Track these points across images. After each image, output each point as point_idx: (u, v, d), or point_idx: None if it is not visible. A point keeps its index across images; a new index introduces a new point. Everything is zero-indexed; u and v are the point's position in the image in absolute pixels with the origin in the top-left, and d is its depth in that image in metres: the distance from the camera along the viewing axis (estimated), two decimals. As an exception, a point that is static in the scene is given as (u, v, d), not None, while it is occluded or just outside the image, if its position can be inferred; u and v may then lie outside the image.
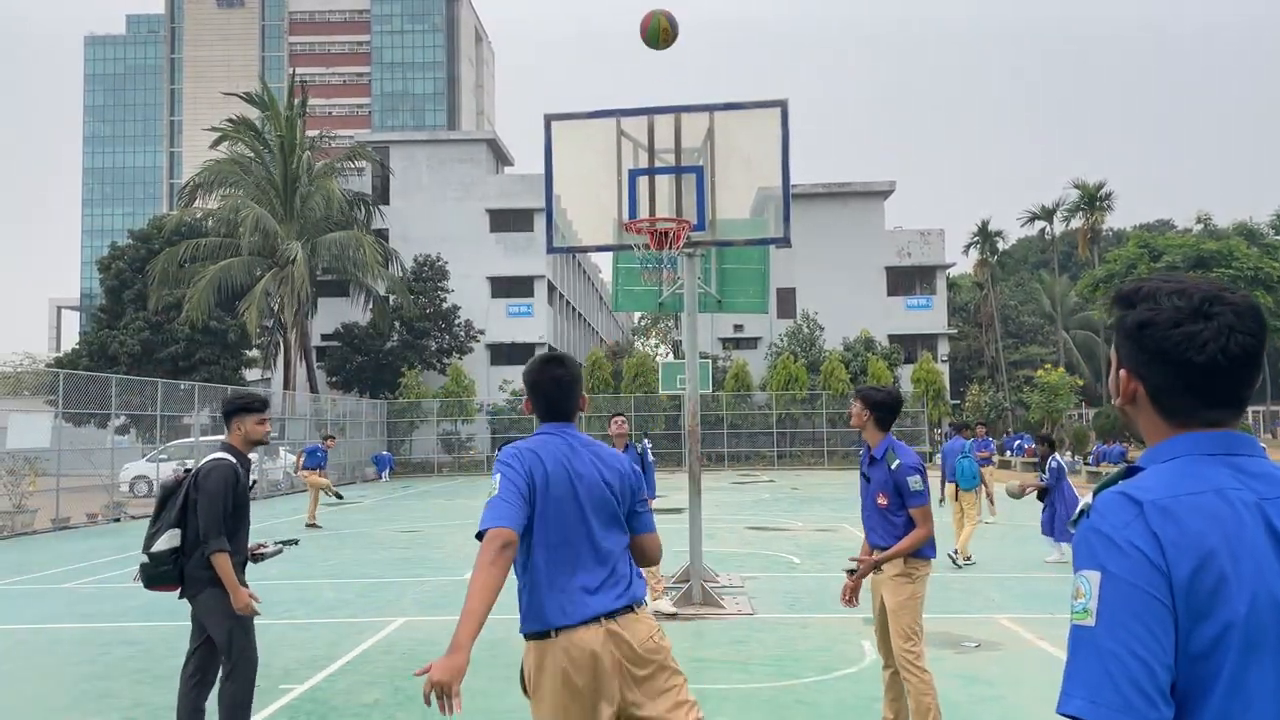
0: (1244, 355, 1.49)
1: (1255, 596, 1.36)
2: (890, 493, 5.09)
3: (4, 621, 9.71)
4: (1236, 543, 1.38)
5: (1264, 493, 1.44)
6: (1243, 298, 1.54)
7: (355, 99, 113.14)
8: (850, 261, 49.16)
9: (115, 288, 38.98)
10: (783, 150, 8.38)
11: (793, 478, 33.92)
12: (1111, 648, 1.35)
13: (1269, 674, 1.35)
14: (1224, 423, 1.53)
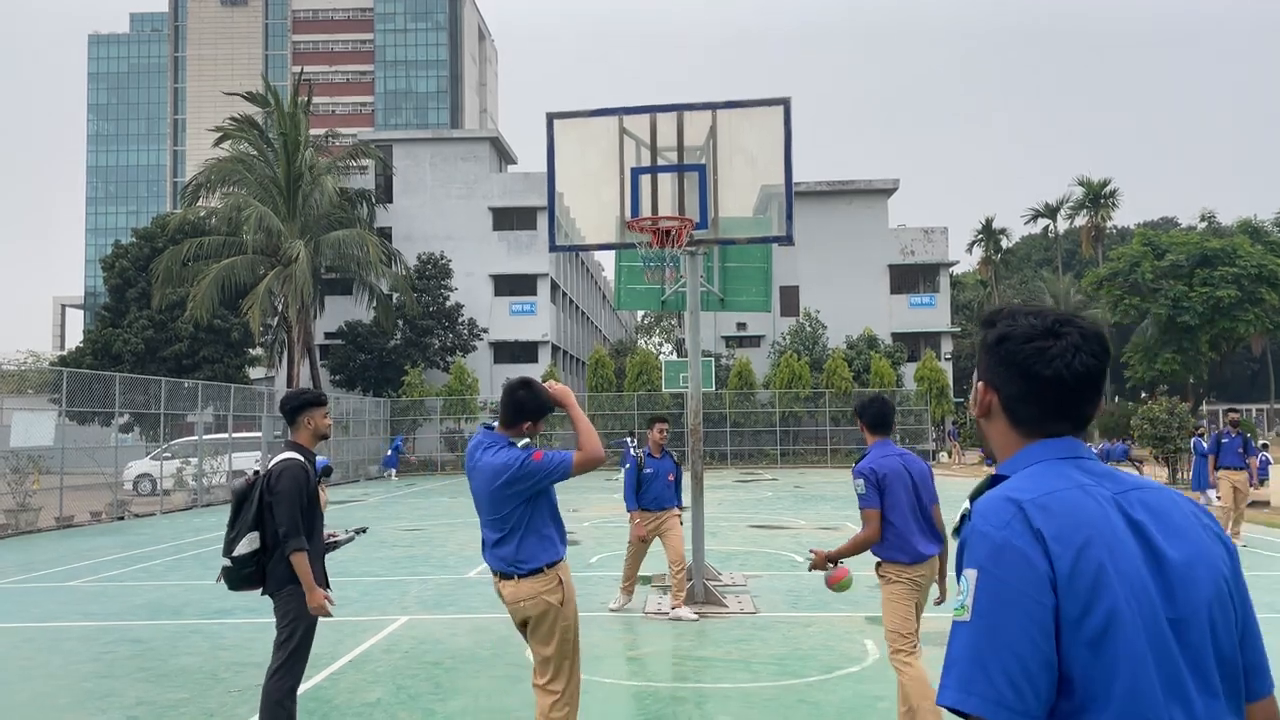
0: (1086, 374, 1.65)
1: (1129, 586, 1.47)
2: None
3: (8, 620, 9.73)
4: (1108, 533, 1.50)
5: (1114, 488, 1.59)
6: (1091, 324, 1.70)
7: (358, 97, 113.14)
8: (854, 259, 49.13)
9: (119, 286, 39.05)
10: (785, 148, 8.36)
11: (796, 476, 33.90)
12: (986, 643, 1.45)
13: (1141, 655, 1.44)
14: (1064, 432, 1.67)
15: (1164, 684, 1.46)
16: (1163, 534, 1.55)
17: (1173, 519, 1.57)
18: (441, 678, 7.10)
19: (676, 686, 6.86)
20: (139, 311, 37.72)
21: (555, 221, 8.75)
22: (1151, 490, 1.62)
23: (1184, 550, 1.54)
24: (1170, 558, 1.52)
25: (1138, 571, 1.49)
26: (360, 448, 37.08)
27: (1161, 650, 1.46)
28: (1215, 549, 1.58)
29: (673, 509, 9.27)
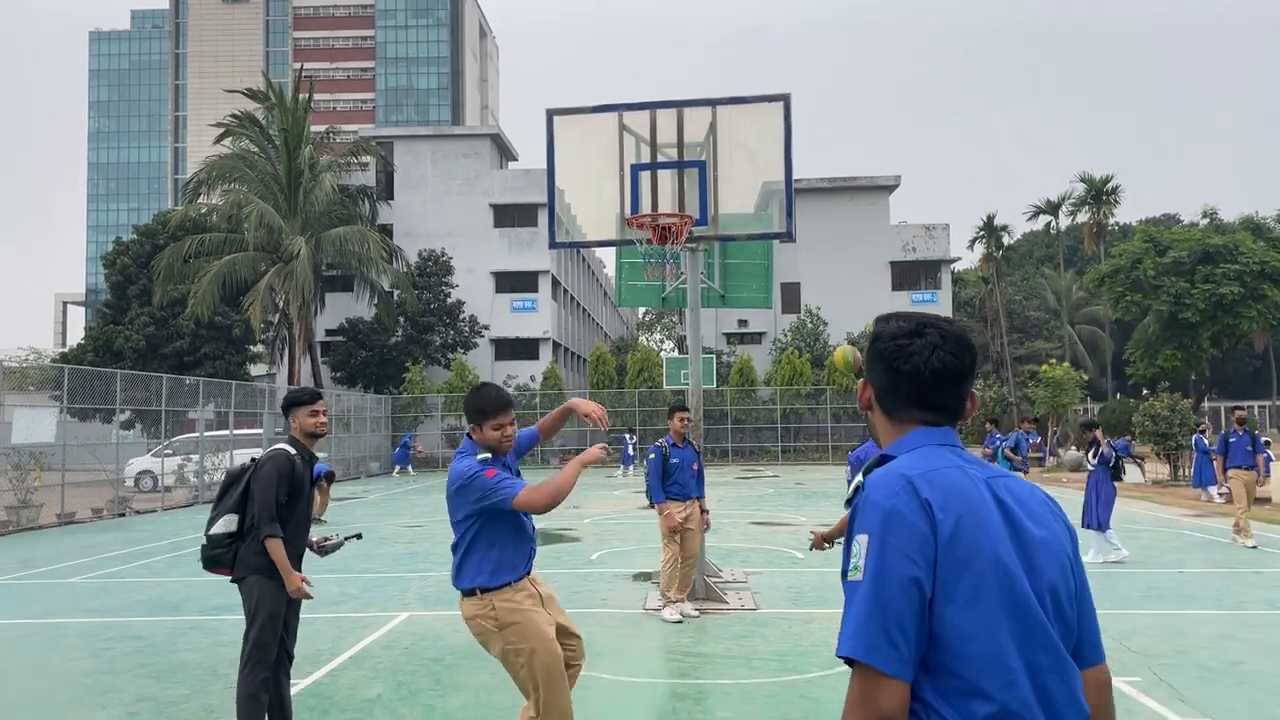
0: (943, 369, 1.84)
1: (996, 553, 1.67)
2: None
3: (9, 616, 9.73)
4: (982, 509, 1.70)
5: (984, 473, 1.79)
6: (953, 326, 1.89)
7: (359, 94, 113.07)
8: (855, 256, 49.10)
9: (120, 283, 39.06)
10: (785, 144, 8.35)
11: (797, 473, 33.90)
12: (876, 600, 1.62)
13: (1000, 622, 1.64)
14: (939, 423, 1.87)
15: (1019, 647, 1.64)
16: (1024, 515, 1.74)
17: (1030, 504, 1.78)
18: (442, 674, 7.10)
19: (677, 683, 6.86)
20: (140, 308, 37.72)
21: (555, 218, 8.74)
22: (1014, 479, 1.81)
23: (1039, 530, 1.74)
24: (1031, 535, 1.72)
25: (1005, 545, 1.68)
26: (361, 445, 37.08)
27: (1020, 616, 1.65)
28: (1062, 532, 1.80)
29: (696, 498, 9.13)
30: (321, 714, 6.13)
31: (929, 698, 1.64)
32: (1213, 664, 7.11)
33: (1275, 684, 6.57)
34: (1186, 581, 10.78)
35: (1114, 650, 7.49)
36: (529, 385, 42.57)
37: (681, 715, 6.08)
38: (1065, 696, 1.67)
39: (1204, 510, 18.79)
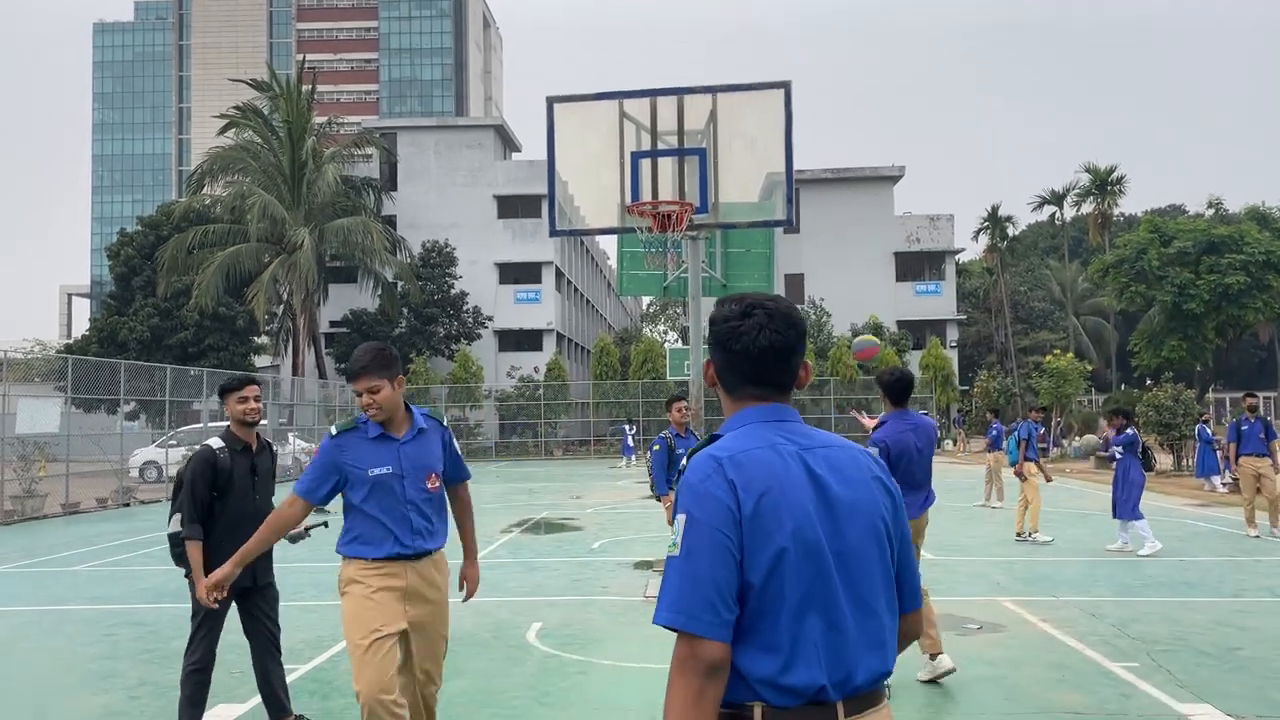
0: (769, 346, 2.01)
1: (796, 524, 1.86)
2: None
3: (14, 603, 9.79)
4: (787, 483, 1.89)
5: (802, 444, 1.97)
6: (780, 305, 2.05)
7: (363, 85, 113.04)
8: (859, 247, 49.03)
9: (124, 274, 39.15)
10: (786, 132, 8.34)
11: (800, 463, 33.89)
12: (690, 573, 1.82)
13: (805, 568, 1.86)
14: (770, 399, 2.04)
15: (813, 608, 1.86)
16: (837, 482, 1.93)
17: (847, 471, 1.96)
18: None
19: (676, 668, 6.89)
20: (144, 299, 37.79)
21: (555, 206, 8.75)
22: (836, 448, 2.00)
23: (851, 495, 1.93)
24: (839, 501, 1.92)
25: (807, 512, 1.88)
26: (365, 435, 37.07)
27: (816, 580, 1.87)
28: (879, 496, 1.98)
29: None
30: (322, 698, 6.17)
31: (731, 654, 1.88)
32: (1210, 650, 7.12)
33: (1272, 669, 6.58)
34: (1187, 569, 10.78)
35: (1113, 637, 7.51)
36: (533, 376, 42.60)
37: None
38: (859, 651, 1.89)
39: (1207, 500, 18.78)
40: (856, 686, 1.90)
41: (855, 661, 1.89)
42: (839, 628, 1.88)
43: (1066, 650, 7.17)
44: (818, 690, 1.86)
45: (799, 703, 1.85)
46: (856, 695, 1.90)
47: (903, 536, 2.02)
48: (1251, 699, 5.90)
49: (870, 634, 1.92)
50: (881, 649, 1.93)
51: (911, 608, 2.05)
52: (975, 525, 15.34)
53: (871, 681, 1.92)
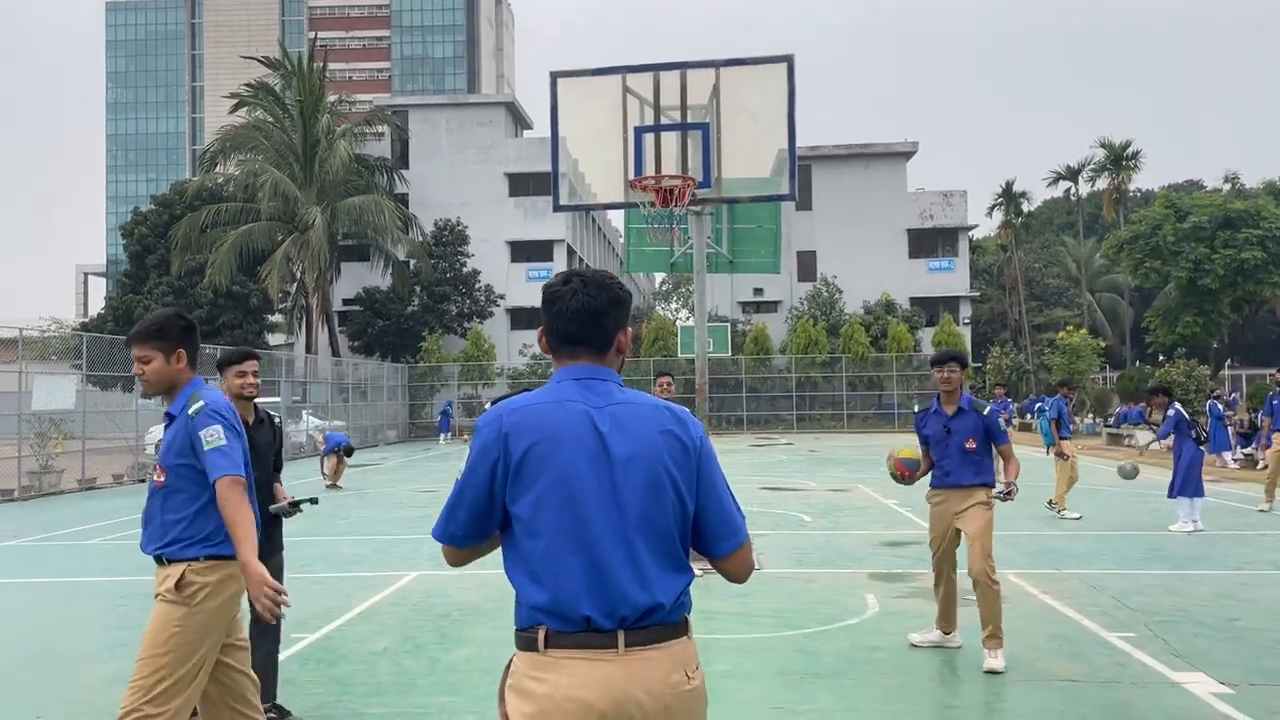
0: (581, 308, 2.27)
1: (561, 471, 2.16)
2: (980, 436, 6.19)
3: (29, 575, 9.97)
4: (562, 434, 2.18)
5: (594, 403, 2.22)
6: (596, 274, 2.35)
7: (375, 63, 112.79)
8: (872, 224, 48.81)
9: (139, 253, 39.38)
10: (789, 106, 8.34)
11: (811, 441, 33.98)
12: (456, 498, 2.24)
13: (566, 507, 2.15)
14: (582, 358, 2.31)
15: (576, 548, 2.14)
16: (618, 437, 2.19)
17: (631, 426, 2.21)
18: (448, 629, 7.24)
19: (676, 638, 6.98)
20: (159, 278, 38.04)
21: (559, 181, 8.79)
22: (629, 405, 2.25)
23: (630, 448, 2.19)
24: (618, 453, 2.18)
25: (575, 462, 2.16)
26: (379, 413, 37.39)
27: (582, 523, 2.14)
28: (663, 448, 2.21)
29: None
30: (329, 665, 6.28)
31: (514, 580, 2.21)
32: (1209, 620, 7.17)
33: (1269, 639, 6.62)
34: (1192, 544, 10.81)
35: (1112, 608, 7.57)
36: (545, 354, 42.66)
37: (679, 668, 6.19)
38: (625, 585, 2.14)
39: (1218, 476, 18.75)
40: (624, 617, 2.13)
41: (620, 595, 2.13)
42: (601, 564, 2.13)
43: (1065, 621, 7.23)
44: (585, 619, 2.12)
45: (574, 629, 2.13)
46: (637, 627, 2.14)
47: (708, 483, 2.26)
48: (1245, 668, 5.94)
49: (639, 570, 2.15)
50: (649, 585, 2.15)
51: (723, 552, 2.29)
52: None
53: (641, 614, 2.14)
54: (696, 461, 2.25)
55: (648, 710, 2.12)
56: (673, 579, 2.21)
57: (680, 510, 2.22)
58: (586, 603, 2.12)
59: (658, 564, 2.18)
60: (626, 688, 2.10)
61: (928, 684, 5.79)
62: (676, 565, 2.22)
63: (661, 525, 2.19)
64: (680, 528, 2.23)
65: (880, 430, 40.71)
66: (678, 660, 2.19)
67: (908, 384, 42.49)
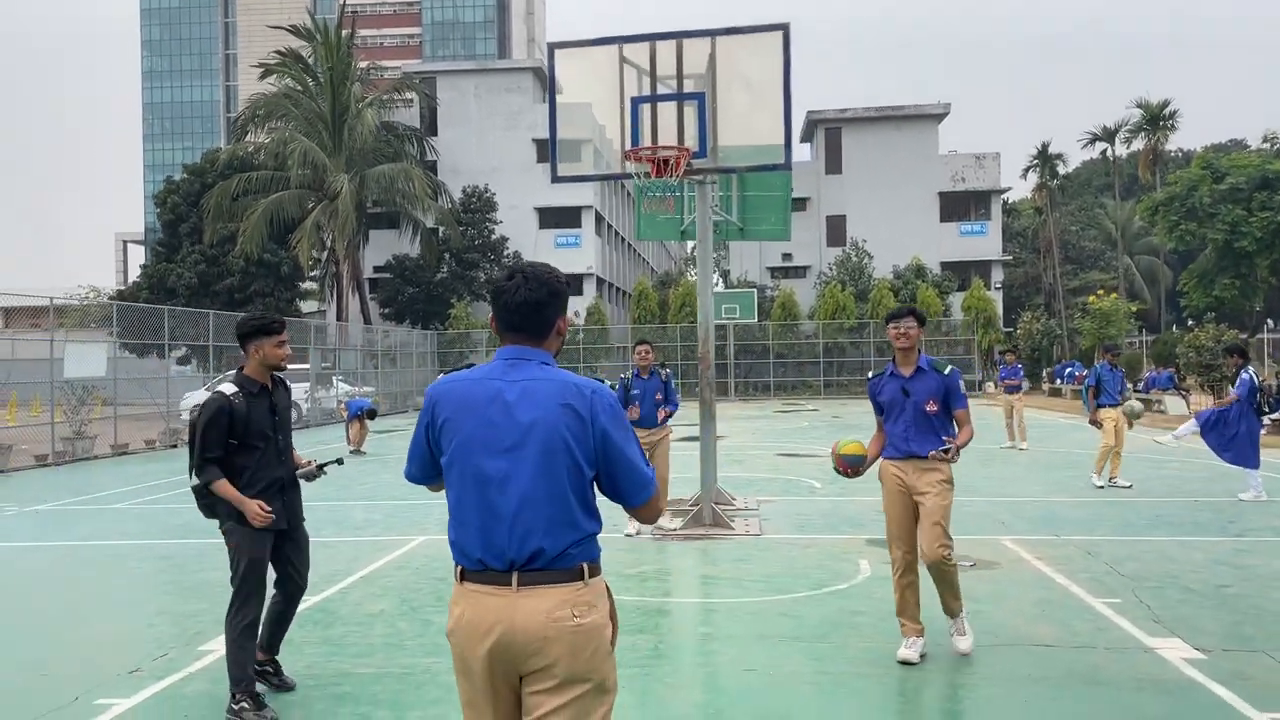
0: (523, 302, 2.65)
1: (466, 436, 2.60)
2: (940, 398, 5.64)
3: (52, 539, 10.31)
4: (469, 406, 2.62)
5: (512, 378, 2.62)
6: (537, 270, 2.71)
7: (406, 29, 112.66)
8: (902, 187, 48.36)
9: (172, 222, 39.89)
10: (784, 74, 8.33)
11: (837, 406, 33.94)
12: (413, 447, 2.77)
13: (472, 467, 2.59)
14: (521, 342, 2.68)
15: (473, 502, 2.57)
16: (523, 407, 2.57)
17: (536, 398, 2.58)
18: (445, 592, 7.43)
19: (664, 601, 7.14)
20: (191, 246, 38.55)
21: (557, 151, 8.85)
22: (539, 381, 2.61)
23: (532, 415, 2.56)
24: (520, 420, 2.56)
25: (480, 428, 2.59)
26: (408, 379, 37.81)
27: (477, 484, 2.57)
28: (561, 418, 2.56)
29: (659, 428, 9.62)
30: (325, 627, 6.49)
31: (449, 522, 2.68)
32: (1197, 588, 7.20)
33: (1253, 606, 6.66)
34: (1199, 510, 10.78)
35: (1104, 574, 7.62)
36: (573, 321, 42.90)
37: (664, 630, 6.35)
38: (517, 532, 2.53)
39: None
40: (513, 560, 2.52)
41: (507, 542, 2.53)
42: (493, 516, 2.55)
43: (1053, 587, 7.30)
44: (478, 560, 2.55)
45: (477, 568, 2.56)
46: (528, 569, 2.52)
47: (614, 452, 2.60)
48: (1223, 634, 5.99)
49: (528, 523, 2.53)
50: (535, 534, 2.53)
51: (635, 504, 2.68)
52: (994, 467, 15.35)
53: (528, 559, 2.52)
54: (598, 432, 2.59)
55: (528, 637, 2.50)
56: (562, 531, 2.56)
57: (575, 473, 2.58)
58: (479, 547, 2.56)
59: (547, 517, 2.54)
60: (512, 617, 2.50)
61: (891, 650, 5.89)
62: (566, 520, 2.56)
63: (554, 485, 2.55)
64: (574, 488, 2.58)
65: (908, 396, 40.55)
66: (565, 599, 2.54)
67: (936, 349, 42.22)
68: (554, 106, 8.82)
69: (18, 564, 8.98)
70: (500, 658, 2.53)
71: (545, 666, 2.52)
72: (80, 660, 5.91)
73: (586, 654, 2.54)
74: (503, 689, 2.58)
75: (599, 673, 2.57)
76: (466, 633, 2.55)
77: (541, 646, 2.50)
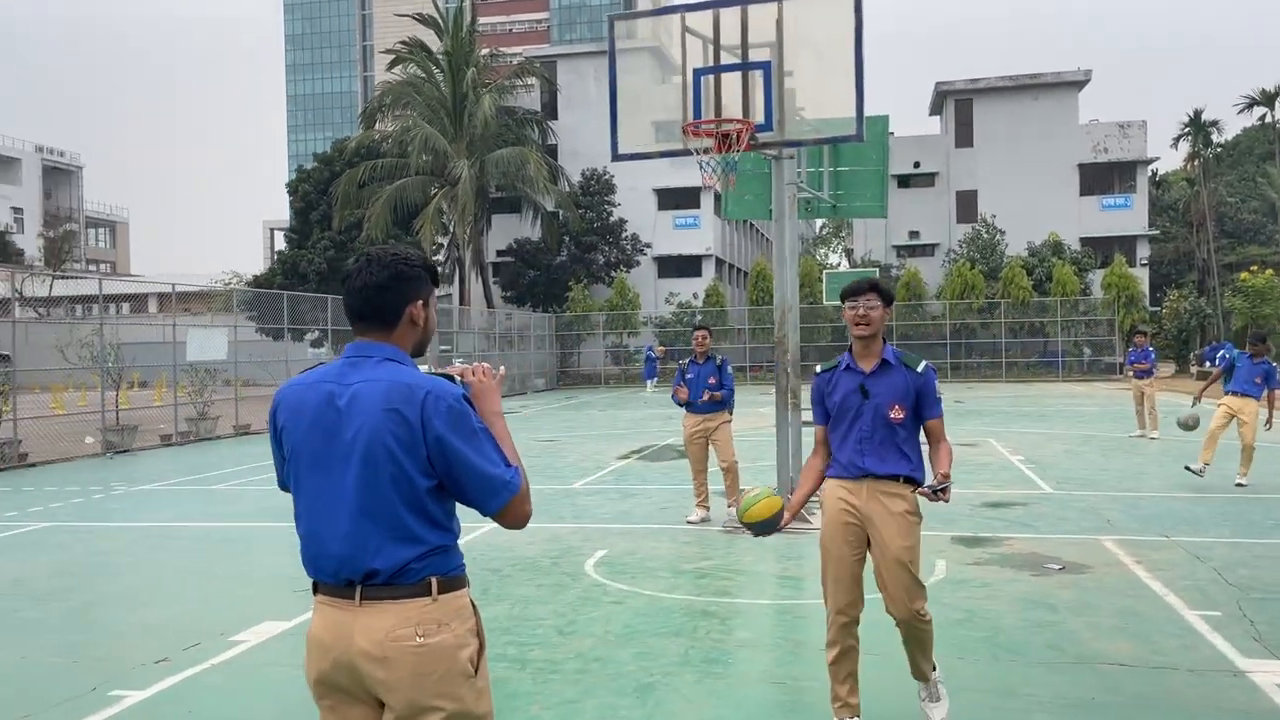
0: (363, 286, 2.44)
1: (294, 445, 2.43)
2: (909, 404, 4.25)
3: (143, 518, 10.64)
4: (299, 414, 2.42)
5: (346, 380, 2.40)
6: (383, 253, 2.49)
7: (534, 14, 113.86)
8: (1038, 159, 46.06)
9: (303, 209, 41.30)
10: (856, 40, 7.77)
11: (962, 390, 32.64)
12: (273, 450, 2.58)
13: (303, 481, 2.43)
14: (370, 334, 2.47)
15: (308, 506, 2.42)
16: (349, 414, 2.35)
17: (362, 403, 2.35)
18: (492, 583, 7.27)
19: (712, 600, 6.77)
20: (321, 233, 39.82)
21: (617, 128, 8.53)
22: (370, 383, 2.37)
23: (354, 425, 2.35)
24: (346, 428, 2.36)
25: (311, 440, 2.39)
26: (526, 361, 38.27)
27: (309, 486, 2.41)
28: (384, 426, 2.32)
29: (717, 413, 9.54)
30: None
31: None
32: (1315, 601, 6.40)
33: (1377, 627, 5.85)
34: (1340, 510, 9.71)
35: (1207, 582, 6.87)
36: (690, 302, 42.59)
37: (700, 634, 5.99)
38: (337, 555, 2.35)
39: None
40: (348, 579, 2.35)
41: (338, 560, 2.35)
42: (321, 534, 2.38)
43: (1144, 595, 6.61)
44: (315, 574, 2.43)
45: (322, 580, 2.41)
46: (369, 584, 2.33)
47: (453, 457, 2.33)
48: (1332, 659, 5.26)
49: (356, 540, 2.33)
50: (365, 553, 2.33)
51: (490, 511, 2.40)
52: (1116, 458, 14.32)
53: (364, 576, 2.33)
54: (431, 438, 2.33)
55: (368, 656, 2.32)
56: (395, 548, 2.33)
57: (404, 484, 2.34)
58: (311, 566, 2.43)
59: (377, 534, 2.33)
60: (352, 635, 2.33)
61: (956, 662, 5.38)
62: (399, 535, 2.33)
63: (380, 498, 2.33)
64: (406, 500, 2.34)
65: (1042, 379, 38.74)
66: (410, 618, 2.32)
67: (1073, 330, 40.16)
68: (614, 82, 8.50)
69: (97, 544, 9.26)
70: (345, 677, 2.37)
71: (389, 691, 2.33)
72: (114, 646, 5.96)
73: (433, 678, 2.32)
74: (351, 712, 2.40)
75: (453, 699, 2.34)
76: (311, 647, 2.42)
77: (382, 668, 2.32)
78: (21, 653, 5.88)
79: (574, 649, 5.71)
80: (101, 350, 17.55)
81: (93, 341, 17.59)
